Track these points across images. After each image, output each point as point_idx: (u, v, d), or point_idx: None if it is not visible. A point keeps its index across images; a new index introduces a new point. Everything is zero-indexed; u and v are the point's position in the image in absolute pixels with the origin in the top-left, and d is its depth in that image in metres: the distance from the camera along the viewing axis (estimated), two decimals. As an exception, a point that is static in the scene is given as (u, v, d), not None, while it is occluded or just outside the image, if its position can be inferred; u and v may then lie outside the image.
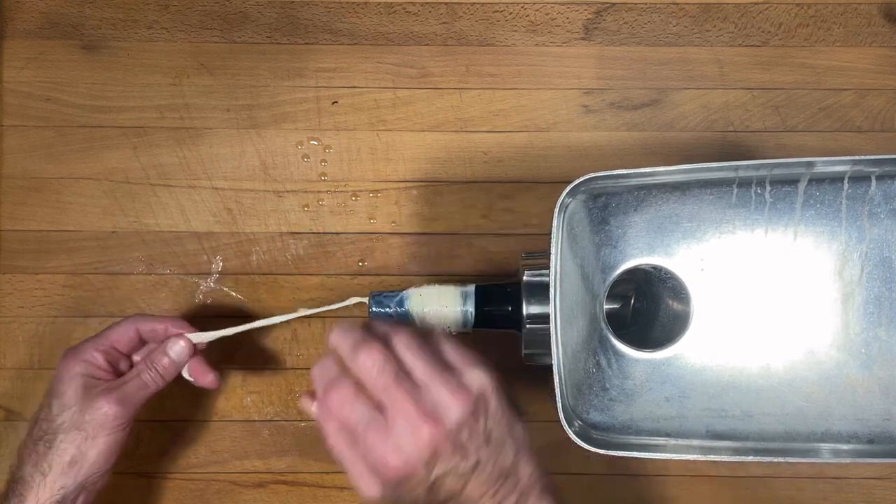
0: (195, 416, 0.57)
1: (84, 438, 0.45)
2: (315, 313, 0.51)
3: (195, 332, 0.49)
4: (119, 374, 0.48)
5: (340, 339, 0.41)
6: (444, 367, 0.40)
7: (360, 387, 0.39)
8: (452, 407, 0.38)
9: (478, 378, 0.40)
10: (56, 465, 0.45)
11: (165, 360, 0.48)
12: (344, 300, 0.51)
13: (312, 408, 0.41)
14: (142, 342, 0.50)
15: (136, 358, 0.50)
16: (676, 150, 0.58)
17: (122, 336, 0.48)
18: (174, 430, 0.57)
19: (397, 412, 0.38)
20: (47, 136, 0.57)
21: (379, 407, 0.39)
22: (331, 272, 0.58)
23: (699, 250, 0.47)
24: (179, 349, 0.48)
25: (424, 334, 0.42)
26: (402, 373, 0.39)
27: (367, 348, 0.39)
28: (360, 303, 0.51)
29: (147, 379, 0.47)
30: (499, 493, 0.40)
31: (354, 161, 0.58)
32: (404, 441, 0.38)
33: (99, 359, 0.47)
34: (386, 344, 0.40)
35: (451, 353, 0.41)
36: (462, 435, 0.38)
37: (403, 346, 0.40)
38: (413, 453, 0.38)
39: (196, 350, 0.49)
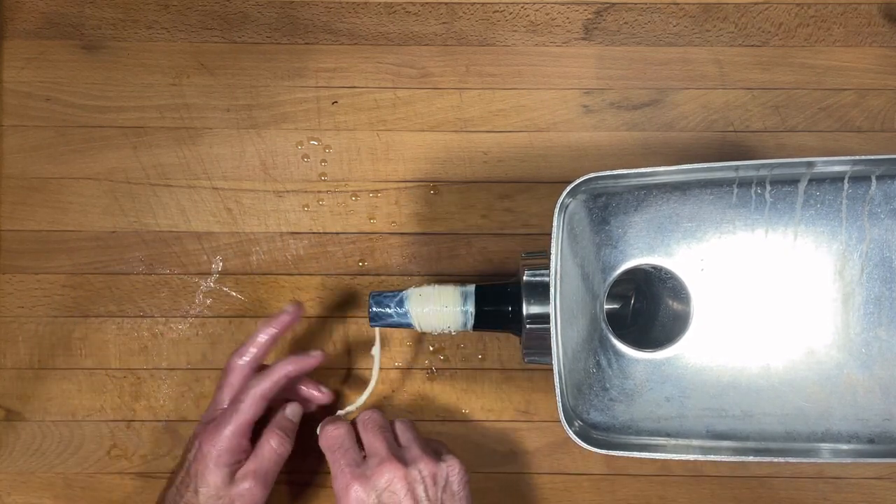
0: (195, 417, 0.57)
1: None
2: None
3: (302, 372, 0.51)
4: (255, 436, 0.50)
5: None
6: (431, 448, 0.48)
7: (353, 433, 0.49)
8: (420, 463, 0.46)
9: (452, 461, 0.47)
10: None
11: (289, 425, 0.51)
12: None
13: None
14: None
15: None
16: (676, 150, 0.58)
17: (259, 411, 0.49)
18: (175, 431, 0.57)
19: (373, 453, 0.47)
20: (47, 136, 0.58)
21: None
22: (331, 272, 0.58)
23: (699, 250, 0.47)
24: (297, 410, 0.52)
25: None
26: (389, 434, 0.48)
27: (367, 410, 0.50)
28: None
29: (282, 451, 0.50)
30: None
31: (354, 161, 0.58)
32: (369, 472, 0.45)
33: (243, 442, 0.49)
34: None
35: (444, 447, 0.50)
36: (419, 488, 0.45)
37: (401, 424, 0.50)
38: (372, 483, 0.45)
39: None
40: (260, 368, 0.52)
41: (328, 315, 0.57)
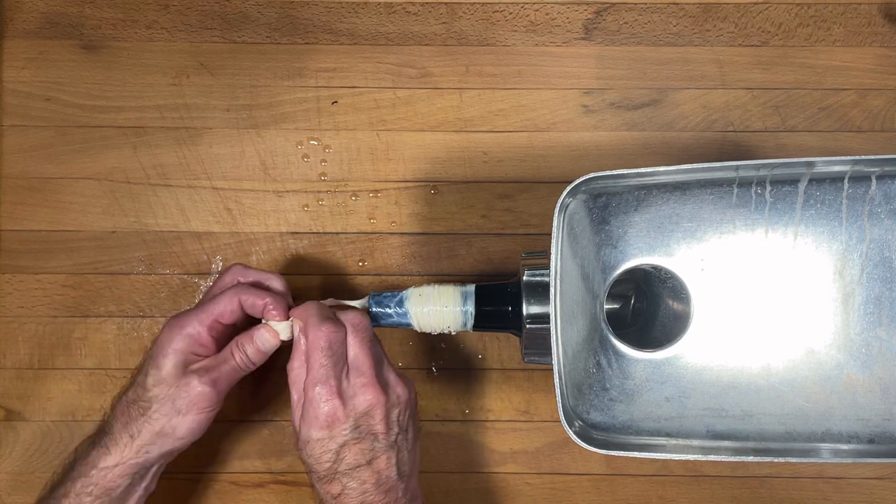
0: (195, 416, 0.57)
1: (176, 413, 0.46)
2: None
3: (287, 309, 0.48)
4: (222, 345, 0.48)
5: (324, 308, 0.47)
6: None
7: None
8: (397, 388, 0.46)
9: (410, 382, 0.48)
10: (145, 432, 0.46)
11: (250, 349, 0.47)
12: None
13: (296, 323, 0.46)
14: (245, 312, 0.48)
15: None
16: (676, 150, 0.58)
17: (226, 309, 0.47)
18: (174, 430, 0.57)
19: (358, 369, 0.45)
20: (47, 136, 0.58)
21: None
22: (331, 272, 0.58)
23: (699, 250, 0.47)
24: (265, 339, 0.47)
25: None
26: (378, 348, 0.47)
27: (357, 312, 0.47)
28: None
29: (239, 362, 0.47)
30: (390, 493, 0.45)
31: (354, 161, 0.58)
32: (352, 392, 0.45)
33: (203, 334, 0.46)
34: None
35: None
36: (393, 413, 0.46)
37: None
38: (352, 404, 0.44)
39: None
40: None
41: (328, 315, 0.57)
